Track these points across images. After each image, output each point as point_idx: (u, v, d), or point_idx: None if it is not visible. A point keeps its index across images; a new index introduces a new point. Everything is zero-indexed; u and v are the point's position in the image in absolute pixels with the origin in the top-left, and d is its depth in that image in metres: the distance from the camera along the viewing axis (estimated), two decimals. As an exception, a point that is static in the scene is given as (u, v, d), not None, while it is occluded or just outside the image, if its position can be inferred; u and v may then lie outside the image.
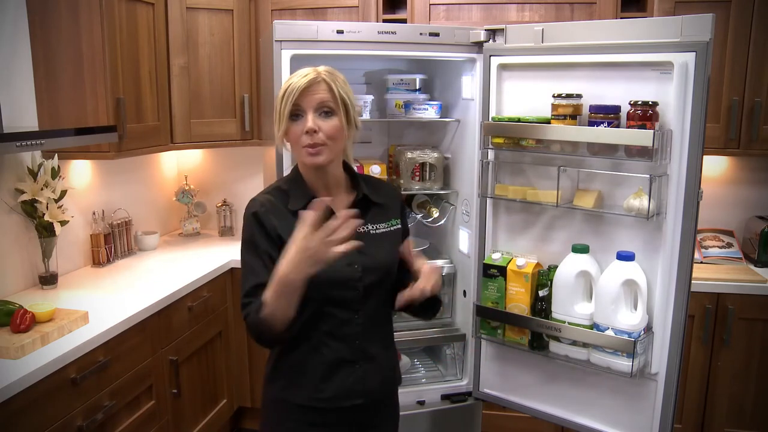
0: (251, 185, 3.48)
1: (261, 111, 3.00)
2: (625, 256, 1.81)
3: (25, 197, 2.30)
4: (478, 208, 2.19)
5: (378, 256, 1.52)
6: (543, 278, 1.98)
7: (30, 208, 2.33)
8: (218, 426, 2.91)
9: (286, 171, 1.65)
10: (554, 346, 1.97)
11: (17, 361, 1.75)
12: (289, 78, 1.46)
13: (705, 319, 2.62)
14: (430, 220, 2.50)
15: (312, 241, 1.30)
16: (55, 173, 2.39)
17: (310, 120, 1.41)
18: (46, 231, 2.37)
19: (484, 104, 2.10)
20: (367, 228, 1.53)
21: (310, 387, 1.50)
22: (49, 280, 2.43)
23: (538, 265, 2.00)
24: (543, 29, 1.95)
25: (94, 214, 2.78)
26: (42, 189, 2.33)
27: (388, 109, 2.60)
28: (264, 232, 1.44)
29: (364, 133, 2.73)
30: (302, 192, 1.50)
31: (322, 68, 1.46)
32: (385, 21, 2.86)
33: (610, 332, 1.82)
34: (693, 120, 1.69)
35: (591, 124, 1.82)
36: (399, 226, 1.59)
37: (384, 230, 1.56)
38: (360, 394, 1.52)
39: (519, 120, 1.95)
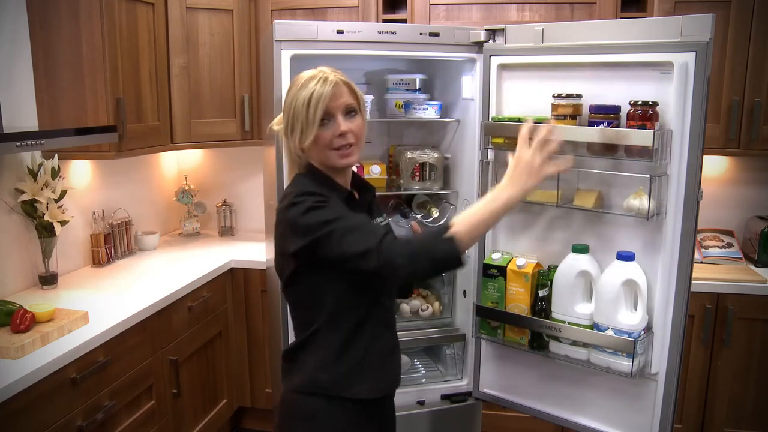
0: (251, 185, 3.48)
1: (261, 111, 2.99)
2: (625, 256, 1.80)
3: (25, 197, 2.30)
4: (478, 208, 2.18)
5: None
6: (543, 278, 1.98)
7: (30, 208, 2.33)
8: (218, 426, 2.91)
9: (286, 170, 1.63)
10: (554, 346, 1.97)
11: (17, 361, 1.75)
12: (301, 85, 1.43)
13: (705, 319, 2.62)
14: (430, 220, 2.50)
15: (535, 155, 1.44)
16: (55, 173, 2.39)
17: (343, 123, 1.43)
18: (46, 231, 2.37)
19: (484, 104, 2.09)
20: (376, 221, 1.59)
21: (373, 378, 1.52)
22: (49, 280, 2.44)
23: (538, 265, 1.99)
24: (543, 29, 1.95)
25: (94, 214, 2.78)
26: (42, 189, 2.33)
27: (388, 109, 2.60)
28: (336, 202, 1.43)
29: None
30: (339, 191, 1.49)
31: (328, 69, 1.46)
32: (385, 21, 2.86)
33: (610, 332, 1.81)
34: (693, 120, 1.69)
35: (591, 124, 1.81)
36: (387, 220, 1.67)
37: (381, 222, 1.62)
38: (398, 381, 1.62)
39: (519, 120, 1.94)
